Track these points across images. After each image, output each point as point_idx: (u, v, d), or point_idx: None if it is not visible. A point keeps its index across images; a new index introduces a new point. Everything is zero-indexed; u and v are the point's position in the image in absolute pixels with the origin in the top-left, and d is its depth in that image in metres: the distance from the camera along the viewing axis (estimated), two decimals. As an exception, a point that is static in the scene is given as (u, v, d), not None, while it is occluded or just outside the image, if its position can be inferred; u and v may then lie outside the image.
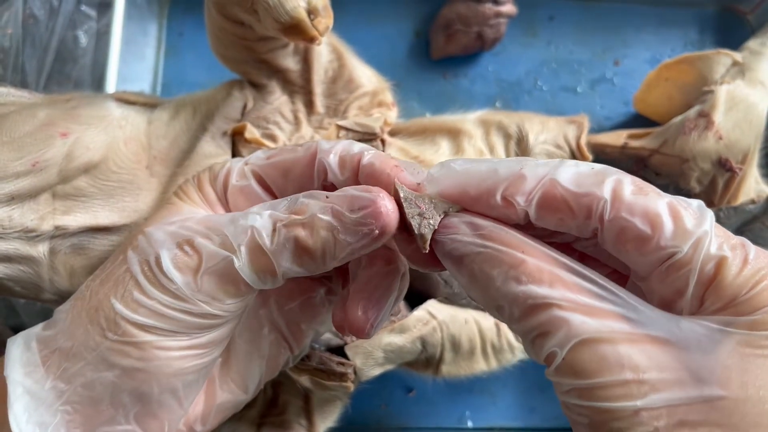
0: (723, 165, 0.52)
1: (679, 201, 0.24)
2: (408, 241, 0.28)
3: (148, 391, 0.28)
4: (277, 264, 0.27)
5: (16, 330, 0.58)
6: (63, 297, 0.42)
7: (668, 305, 0.24)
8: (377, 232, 0.27)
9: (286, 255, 0.27)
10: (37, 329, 0.30)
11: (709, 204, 0.54)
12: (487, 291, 0.25)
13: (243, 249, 0.27)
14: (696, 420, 0.21)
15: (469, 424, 0.61)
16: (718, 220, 0.53)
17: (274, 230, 0.27)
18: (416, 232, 0.26)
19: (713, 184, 0.53)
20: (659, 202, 0.23)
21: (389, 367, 0.48)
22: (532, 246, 0.24)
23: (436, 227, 0.27)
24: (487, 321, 0.50)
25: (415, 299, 0.49)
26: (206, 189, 0.32)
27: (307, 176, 0.31)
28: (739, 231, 0.55)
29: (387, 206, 0.26)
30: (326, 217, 0.27)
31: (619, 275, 0.28)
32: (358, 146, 0.30)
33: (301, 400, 0.48)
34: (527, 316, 0.23)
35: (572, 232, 0.25)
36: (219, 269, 0.27)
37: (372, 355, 0.45)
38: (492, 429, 0.62)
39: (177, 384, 0.29)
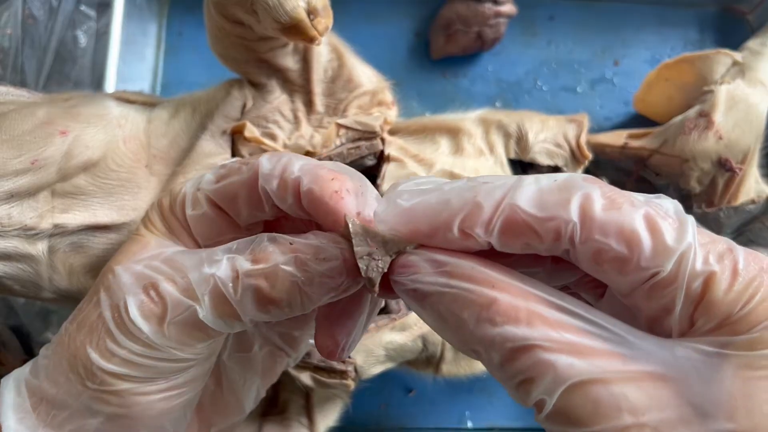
0: (723, 165, 0.52)
1: (657, 210, 0.21)
2: None
3: None
4: (242, 312, 0.26)
5: (15, 330, 0.59)
6: (62, 296, 0.42)
7: (656, 321, 0.22)
8: (345, 285, 0.25)
9: (250, 304, 0.26)
10: (25, 373, 0.29)
11: (710, 204, 0.54)
12: (459, 335, 0.22)
13: (206, 299, 0.26)
14: None
15: (469, 424, 0.61)
16: (719, 220, 0.53)
17: (236, 280, 0.26)
18: (363, 275, 0.24)
19: (713, 184, 0.53)
20: (635, 216, 0.21)
21: (390, 365, 0.48)
22: (503, 280, 0.22)
23: (386, 270, 0.24)
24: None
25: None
26: (169, 217, 0.30)
27: (255, 200, 0.29)
28: (739, 231, 0.55)
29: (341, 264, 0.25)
30: (289, 268, 0.25)
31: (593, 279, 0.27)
32: (297, 165, 0.27)
33: (301, 398, 0.48)
34: (508, 362, 0.21)
35: (542, 254, 0.23)
36: (184, 318, 0.26)
37: (373, 353, 0.45)
38: (492, 429, 0.61)
39: (164, 422, 0.28)
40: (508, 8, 0.65)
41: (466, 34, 0.65)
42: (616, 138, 0.56)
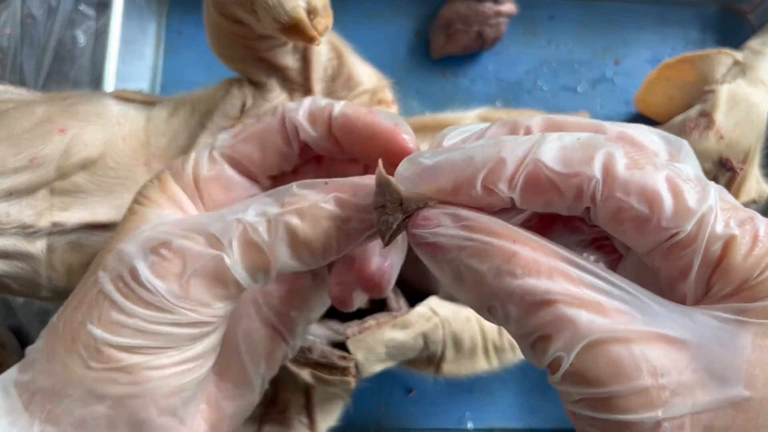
0: (724, 165, 0.52)
1: (678, 174, 0.21)
2: None
3: (147, 418, 0.26)
4: (274, 259, 0.25)
5: (14, 330, 0.58)
6: (60, 295, 0.42)
7: (672, 285, 0.22)
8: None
9: (284, 249, 0.25)
10: (13, 374, 0.27)
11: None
12: (477, 289, 0.22)
13: (234, 244, 0.25)
14: (722, 425, 0.19)
15: (470, 425, 0.61)
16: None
17: (269, 222, 0.25)
18: (375, 226, 0.25)
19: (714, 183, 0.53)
20: (657, 176, 0.21)
21: (391, 363, 0.48)
22: (525, 235, 0.22)
23: (395, 226, 0.24)
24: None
25: (415, 297, 0.49)
26: (172, 188, 0.29)
27: (283, 142, 0.29)
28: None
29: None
30: (328, 206, 0.25)
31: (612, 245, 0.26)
32: (325, 100, 0.29)
33: (302, 397, 0.48)
34: (526, 316, 0.21)
35: (562, 213, 0.23)
36: (207, 270, 0.25)
37: (374, 350, 0.45)
38: (492, 430, 0.61)
39: (176, 402, 0.26)
40: (509, 7, 0.65)
41: (467, 34, 0.65)
42: (617, 137, 0.56)
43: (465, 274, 0.22)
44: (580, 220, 0.27)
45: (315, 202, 0.25)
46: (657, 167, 0.21)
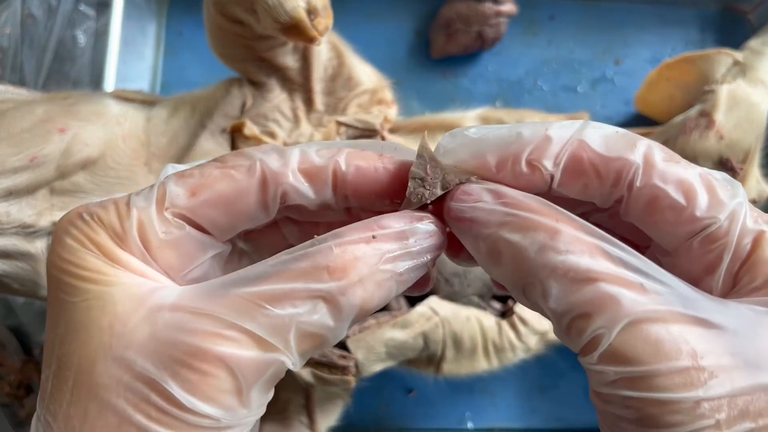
0: (724, 164, 0.52)
1: (709, 172, 0.22)
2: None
3: None
4: (335, 337, 0.22)
5: (14, 330, 0.58)
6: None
7: (695, 282, 0.22)
8: (438, 243, 0.24)
9: (347, 325, 0.22)
10: None
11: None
12: (517, 265, 0.21)
13: (293, 344, 0.21)
14: (757, 410, 0.19)
15: (470, 425, 0.61)
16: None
17: (330, 305, 0.21)
18: (407, 195, 0.24)
19: (714, 183, 0.53)
20: (691, 171, 0.21)
21: (391, 363, 0.48)
22: (567, 215, 0.21)
23: (428, 201, 0.23)
24: (488, 320, 0.50)
25: (415, 297, 0.49)
26: (118, 255, 0.22)
27: (258, 206, 0.24)
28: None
29: (438, 229, 0.23)
30: (389, 266, 0.22)
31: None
32: (313, 148, 0.24)
33: (302, 397, 0.48)
34: (566, 293, 0.20)
35: (594, 200, 0.23)
36: (266, 378, 0.21)
37: (374, 349, 0.45)
38: (492, 430, 0.61)
39: None
40: (509, 8, 0.65)
41: (467, 34, 0.65)
42: (617, 137, 0.56)
43: (504, 249, 0.22)
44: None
45: (374, 267, 0.22)
46: (690, 164, 0.22)
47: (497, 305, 0.52)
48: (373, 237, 0.22)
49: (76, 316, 0.21)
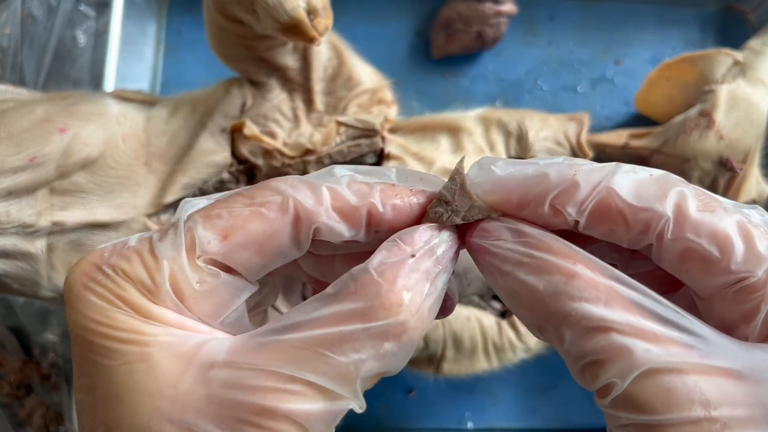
0: (724, 164, 0.52)
1: (748, 218, 0.21)
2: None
3: None
4: (396, 371, 0.23)
5: (14, 330, 0.58)
6: (61, 295, 0.42)
7: (730, 328, 0.21)
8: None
9: (406, 357, 0.22)
10: None
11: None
12: (531, 307, 0.21)
13: (359, 388, 0.21)
14: None
15: (470, 425, 0.61)
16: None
17: (388, 355, 0.21)
18: (427, 211, 0.24)
19: (714, 183, 0.53)
20: (728, 220, 0.21)
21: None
22: (585, 256, 0.21)
23: (445, 223, 0.23)
24: (488, 319, 0.50)
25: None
26: (153, 311, 0.21)
27: (291, 244, 0.23)
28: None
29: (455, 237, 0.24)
30: (432, 288, 0.22)
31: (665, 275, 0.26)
32: (343, 183, 0.23)
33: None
34: (579, 340, 0.20)
35: (621, 244, 0.23)
36: (334, 422, 0.22)
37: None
38: (492, 430, 0.61)
39: None
40: (509, 7, 0.65)
41: (467, 34, 0.65)
42: (617, 137, 0.56)
43: (520, 289, 0.22)
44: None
45: (423, 294, 0.22)
46: (727, 211, 0.21)
47: (497, 305, 0.52)
48: (413, 256, 0.22)
49: (118, 379, 0.20)
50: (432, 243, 0.23)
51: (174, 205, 0.45)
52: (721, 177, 0.53)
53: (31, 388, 0.59)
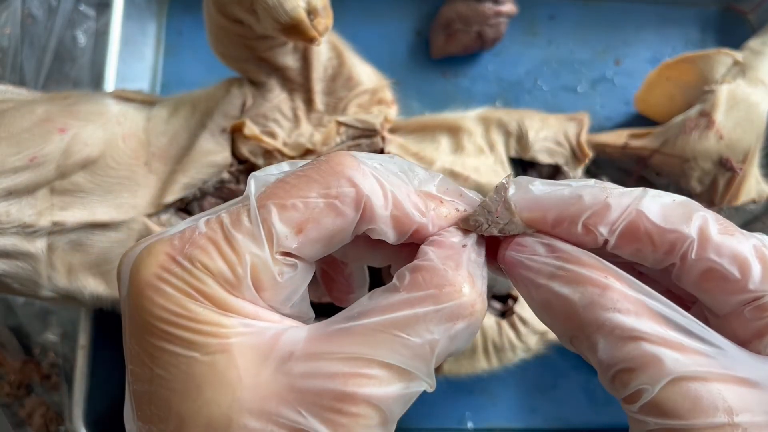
0: (724, 164, 0.52)
1: (764, 243, 0.23)
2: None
3: None
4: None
5: (14, 330, 0.58)
6: (61, 294, 0.42)
7: (742, 344, 0.23)
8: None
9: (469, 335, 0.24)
10: None
11: (710, 204, 0.54)
12: (566, 317, 0.23)
13: (432, 367, 0.22)
14: None
15: (470, 425, 0.61)
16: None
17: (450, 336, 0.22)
18: (467, 214, 0.25)
19: (714, 183, 0.53)
20: (746, 243, 0.23)
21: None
22: (616, 271, 0.23)
23: (481, 233, 0.25)
24: (488, 319, 0.50)
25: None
26: (235, 305, 0.22)
27: (351, 235, 0.24)
28: (740, 231, 0.55)
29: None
30: (480, 272, 0.24)
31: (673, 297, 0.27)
32: (406, 189, 0.24)
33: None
34: (612, 349, 0.22)
35: (646, 263, 0.24)
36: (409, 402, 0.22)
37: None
38: (492, 430, 0.61)
39: None
40: (509, 8, 0.65)
41: (467, 34, 0.65)
42: (617, 137, 0.56)
43: (555, 301, 0.23)
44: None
45: (479, 275, 0.24)
46: (745, 235, 0.23)
47: (497, 305, 0.52)
48: (464, 246, 0.24)
49: (199, 371, 0.21)
50: (472, 240, 0.25)
51: (174, 205, 0.45)
52: (721, 177, 0.53)
53: (32, 388, 0.59)
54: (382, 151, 0.48)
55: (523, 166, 0.53)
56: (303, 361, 0.21)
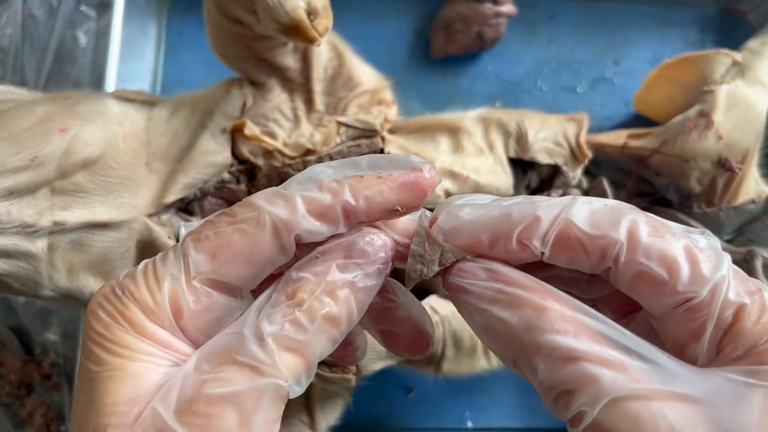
0: (723, 165, 0.52)
1: (695, 243, 0.23)
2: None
3: None
4: (320, 355, 0.24)
5: (14, 330, 0.59)
6: (62, 294, 0.42)
7: (683, 348, 0.23)
8: (389, 255, 0.25)
9: (322, 338, 0.24)
10: None
11: (710, 204, 0.54)
12: (506, 341, 0.23)
13: (279, 359, 0.23)
14: None
15: (469, 424, 0.61)
16: (719, 220, 0.53)
17: (304, 326, 0.23)
18: (407, 271, 0.26)
19: (713, 184, 0.53)
20: (675, 245, 0.23)
21: (391, 362, 0.48)
22: (554, 291, 0.23)
23: (428, 276, 0.25)
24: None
25: (415, 296, 0.49)
26: (149, 329, 0.23)
27: (278, 251, 0.25)
28: (739, 231, 0.55)
29: (380, 234, 0.25)
30: (341, 276, 0.24)
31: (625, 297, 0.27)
32: (311, 185, 0.25)
33: (302, 395, 0.48)
34: (551, 371, 0.22)
35: (584, 270, 0.24)
36: (267, 403, 0.23)
37: (374, 347, 0.45)
38: (492, 429, 0.61)
39: None
40: (509, 8, 0.65)
41: (467, 34, 0.65)
42: (617, 138, 0.56)
43: (495, 325, 0.23)
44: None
45: (333, 281, 0.24)
46: (675, 236, 0.23)
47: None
48: (320, 256, 0.25)
49: (98, 385, 0.22)
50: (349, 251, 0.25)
51: (174, 205, 0.45)
52: (720, 177, 0.53)
53: (32, 387, 0.59)
54: (381, 151, 0.48)
55: (522, 166, 0.53)
56: (183, 374, 0.22)
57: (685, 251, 0.22)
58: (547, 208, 0.24)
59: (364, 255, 0.25)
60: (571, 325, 0.22)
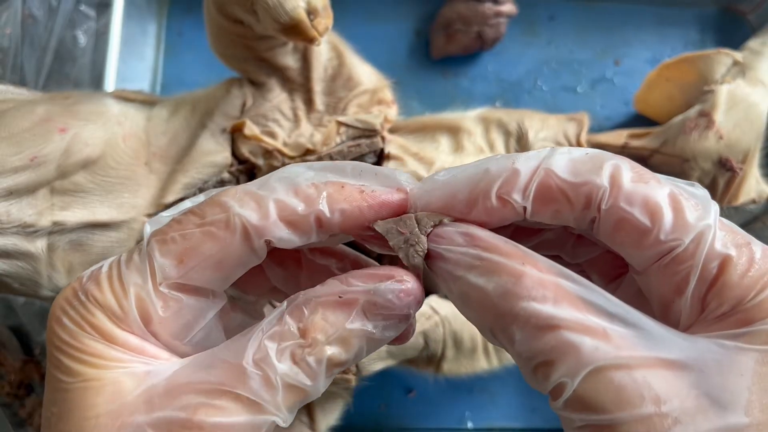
0: (724, 165, 0.52)
1: (681, 191, 0.21)
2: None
3: None
4: (316, 391, 0.23)
5: (14, 330, 0.59)
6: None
7: (667, 305, 0.22)
8: (415, 310, 0.24)
9: (323, 379, 0.22)
10: None
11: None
12: (482, 309, 0.22)
13: (280, 399, 0.22)
14: None
15: (469, 424, 0.61)
16: (719, 220, 0.53)
17: (307, 365, 0.22)
18: (407, 263, 0.24)
19: (714, 183, 0.53)
20: (660, 191, 0.21)
21: (391, 362, 0.48)
22: (534, 256, 0.21)
23: (427, 250, 0.23)
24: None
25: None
26: (119, 336, 0.22)
27: (249, 253, 0.24)
28: (740, 231, 0.55)
29: (410, 284, 0.23)
30: (356, 326, 0.22)
31: (612, 259, 0.26)
32: (285, 187, 0.24)
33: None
34: (529, 340, 0.20)
35: (569, 224, 0.23)
36: None
37: (374, 348, 0.45)
38: (492, 429, 0.61)
39: None
40: (509, 8, 0.65)
41: (467, 34, 0.65)
42: (617, 138, 0.56)
43: (471, 293, 0.22)
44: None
45: (343, 326, 0.22)
46: (660, 182, 0.22)
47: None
48: (339, 297, 0.22)
49: (71, 396, 0.22)
50: (368, 288, 0.23)
51: (174, 205, 0.45)
52: (721, 177, 0.53)
53: (32, 387, 0.59)
54: (382, 151, 0.48)
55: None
56: (164, 391, 0.21)
57: (669, 198, 0.21)
58: (526, 160, 0.23)
59: (390, 308, 0.23)
60: (551, 291, 0.20)
